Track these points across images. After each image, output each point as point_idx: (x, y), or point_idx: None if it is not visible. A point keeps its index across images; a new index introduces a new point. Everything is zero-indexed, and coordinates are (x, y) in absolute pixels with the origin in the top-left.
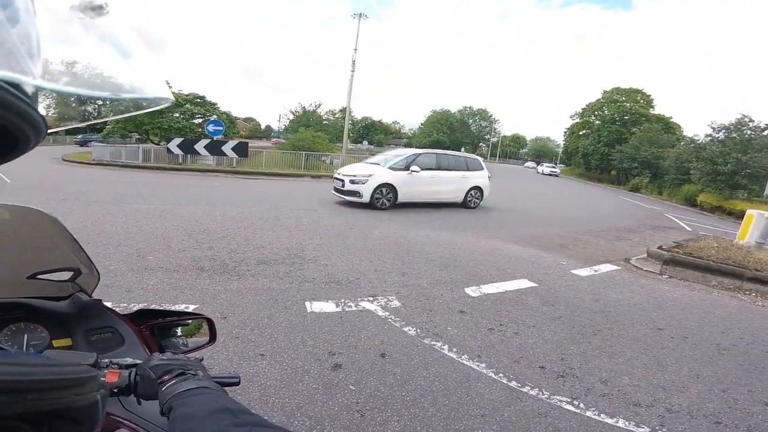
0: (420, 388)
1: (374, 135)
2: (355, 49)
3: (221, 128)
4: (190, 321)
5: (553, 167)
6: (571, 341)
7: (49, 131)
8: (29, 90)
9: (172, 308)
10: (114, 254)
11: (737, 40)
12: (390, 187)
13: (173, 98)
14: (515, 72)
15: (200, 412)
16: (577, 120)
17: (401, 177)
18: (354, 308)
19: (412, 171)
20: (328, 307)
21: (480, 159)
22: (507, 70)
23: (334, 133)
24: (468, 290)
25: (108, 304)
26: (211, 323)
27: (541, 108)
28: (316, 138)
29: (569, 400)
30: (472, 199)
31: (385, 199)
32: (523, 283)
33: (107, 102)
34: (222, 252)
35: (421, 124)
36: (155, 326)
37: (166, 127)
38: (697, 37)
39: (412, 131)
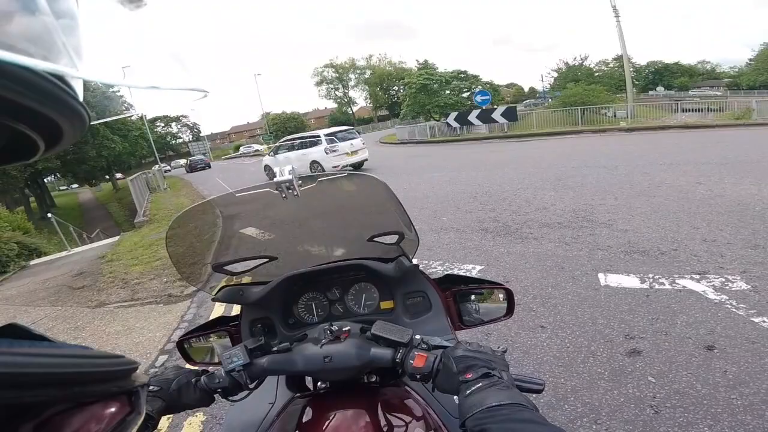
0: (764, 393)
1: (672, 79)
2: None
3: (488, 97)
4: (486, 290)
5: None
6: None
7: (91, 123)
8: (74, 83)
9: (467, 271)
10: (418, 216)
11: None
12: (269, 168)
13: (208, 90)
14: None
15: None
16: None
17: (272, 160)
18: (668, 286)
19: (276, 155)
20: (630, 281)
21: (322, 136)
22: None
23: (612, 83)
24: None
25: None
26: (510, 294)
27: None
28: (590, 91)
29: None
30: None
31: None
32: None
33: (148, 94)
34: (504, 214)
35: (750, 59)
36: (457, 292)
37: (443, 104)
38: None
39: (735, 69)
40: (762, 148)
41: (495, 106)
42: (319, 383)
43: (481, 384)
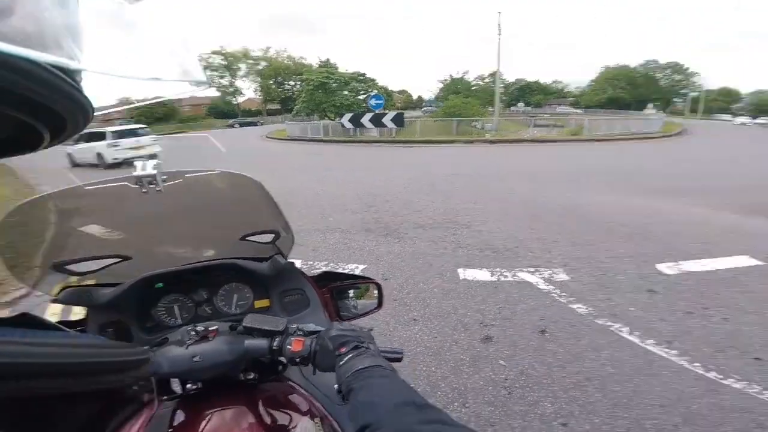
0: (586, 371)
1: (530, 97)
2: (500, 13)
3: (381, 101)
4: (361, 285)
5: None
6: None
7: (94, 114)
8: (76, 74)
9: (349, 270)
10: (306, 215)
11: None
12: (70, 156)
13: (208, 82)
14: (713, 18)
15: (384, 403)
16: None
17: (72, 148)
18: (511, 279)
19: (76, 144)
20: (482, 275)
21: (108, 131)
22: (700, 17)
23: (485, 97)
24: (661, 267)
25: (298, 264)
26: (379, 288)
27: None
28: (465, 104)
29: None
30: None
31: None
32: (743, 261)
33: (149, 85)
34: (385, 215)
35: (592, 81)
36: (334, 289)
37: (339, 105)
38: None
39: (579, 89)
40: (585, 161)
41: (386, 111)
42: (188, 385)
43: (351, 354)
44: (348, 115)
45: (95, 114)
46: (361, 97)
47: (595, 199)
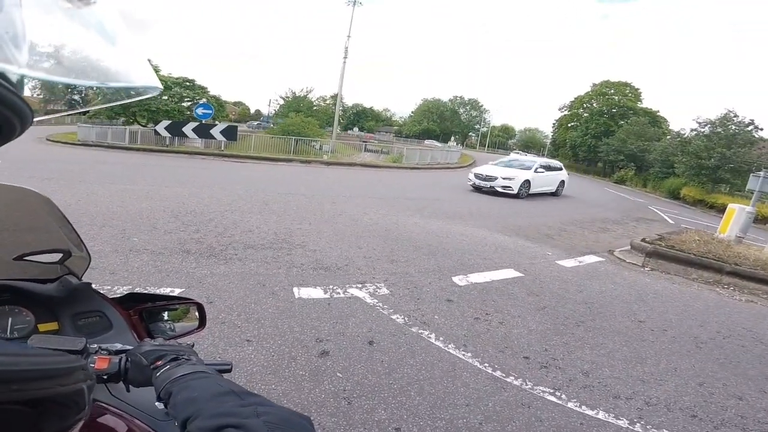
0: (407, 377)
1: (365, 122)
2: (348, 36)
3: (210, 112)
4: (179, 306)
5: (518, 153)
6: (555, 332)
7: (35, 119)
8: (14, 78)
9: (161, 293)
10: (98, 235)
11: (724, 36)
12: None
13: (162, 87)
14: (506, 63)
15: (204, 395)
16: (566, 112)
17: None
18: (342, 295)
19: None
20: (316, 293)
21: None
22: (498, 61)
23: (325, 119)
24: (455, 279)
25: (96, 287)
26: (201, 308)
27: (531, 99)
28: (306, 123)
29: (551, 391)
30: None
31: None
32: (510, 273)
33: (94, 90)
34: (209, 235)
35: (412, 112)
36: (144, 311)
37: (154, 110)
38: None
39: (402, 119)
40: (401, 186)
41: (216, 122)
42: None
43: (169, 366)
44: (165, 122)
45: (36, 119)
46: (185, 104)
47: (407, 220)
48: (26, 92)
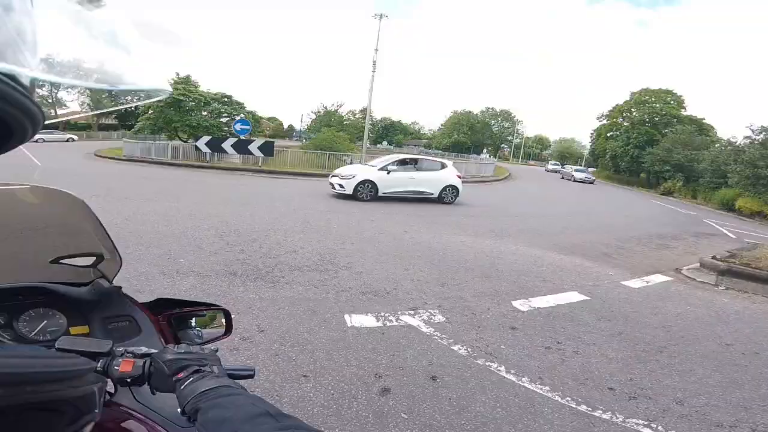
0: (480, 416)
1: (393, 136)
2: (376, 50)
3: (248, 127)
4: (206, 312)
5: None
6: (637, 359)
7: (46, 122)
8: (25, 81)
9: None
10: (145, 255)
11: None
12: None
13: (171, 90)
14: (538, 73)
15: (238, 416)
16: (605, 122)
17: None
18: (395, 323)
19: None
20: (369, 321)
21: None
22: (530, 70)
23: (355, 132)
24: (516, 304)
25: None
26: (227, 315)
27: (565, 109)
28: (337, 138)
29: (646, 422)
30: None
31: None
32: (574, 296)
33: (104, 93)
34: (254, 256)
35: (442, 125)
36: (172, 316)
37: (195, 125)
38: (733, 37)
39: (431, 132)
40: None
41: (253, 138)
42: None
43: (192, 378)
44: (205, 138)
45: (48, 122)
46: (223, 119)
47: (451, 238)
48: (37, 95)
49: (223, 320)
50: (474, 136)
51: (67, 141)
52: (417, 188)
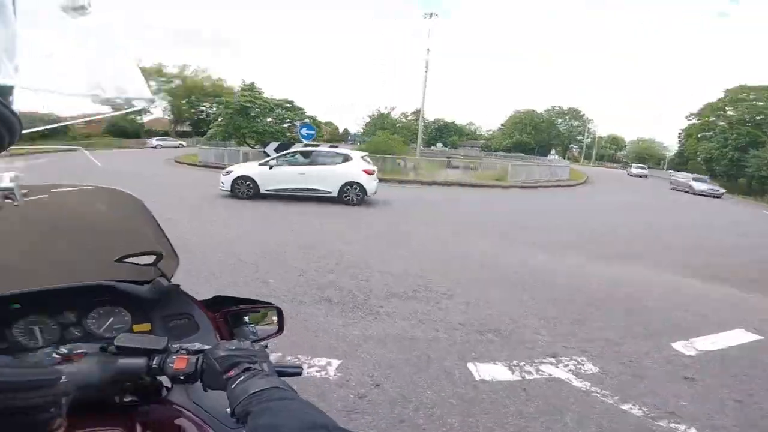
0: None
1: (448, 137)
2: (428, 50)
3: (313, 132)
4: (260, 309)
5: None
6: None
7: (24, 131)
8: (3, 90)
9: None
10: (231, 271)
11: None
12: None
13: (153, 97)
14: (609, 69)
15: (290, 425)
16: (695, 121)
17: None
18: (536, 375)
19: None
20: (501, 372)
21: None
22: (600, 66)
23: (408, 135)
24: (677, 346)
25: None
26: (280, 312)
27: (642, 108)
28: (391, 140)
29: None
30: None
31: None
32: (743, 335)
33: (84, 102)
34: (343, 277)
35: (502, 125)
36: (229, 314)
37: (261, 131)
38: None
39: (490, 132)
40: (521, 210)
41: (318, 143)
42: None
43: (243, 377)
44: (274, 144)
45: (26, 131)
46: (285, 125)
47: (566, 261)
48: (15, 104)
49: (275, 318)
50: (538, 135)
51: (178, 147)
52: (309, 185)
